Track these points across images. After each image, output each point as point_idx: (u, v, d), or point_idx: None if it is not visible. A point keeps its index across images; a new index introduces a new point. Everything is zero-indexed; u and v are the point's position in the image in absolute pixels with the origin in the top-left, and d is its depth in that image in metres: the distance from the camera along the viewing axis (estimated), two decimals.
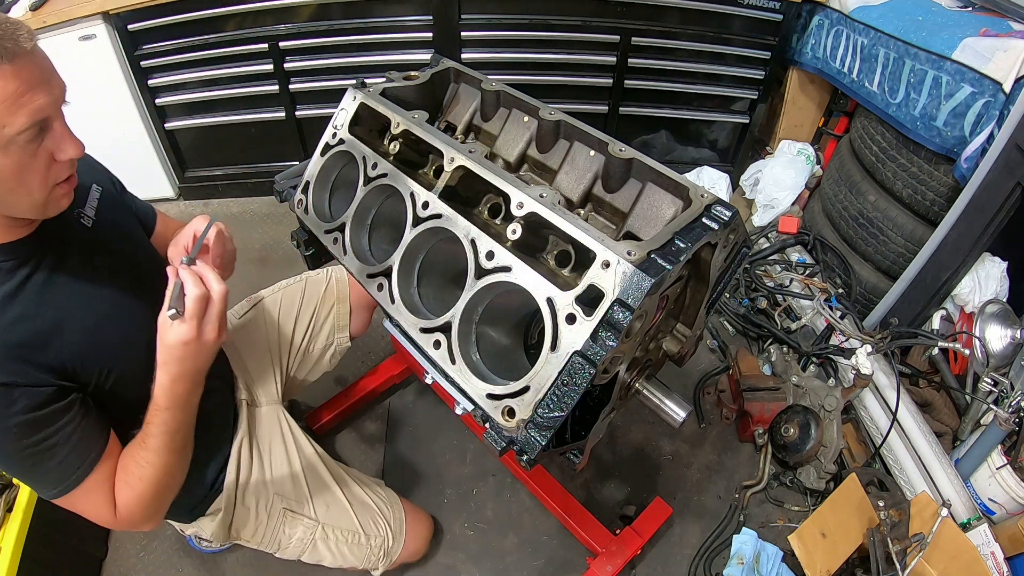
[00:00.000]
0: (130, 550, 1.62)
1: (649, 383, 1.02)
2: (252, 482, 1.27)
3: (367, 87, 1.17)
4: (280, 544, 1.29)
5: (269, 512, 1.27)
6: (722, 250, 0.91)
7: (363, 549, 1.35)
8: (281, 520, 1.28)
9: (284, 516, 1.28)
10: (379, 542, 1.37)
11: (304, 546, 1.30)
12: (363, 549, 1.35)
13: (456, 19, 2.25)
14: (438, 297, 1.03)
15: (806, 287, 2.08)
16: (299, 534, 1.29)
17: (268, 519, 1.27)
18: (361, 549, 1.34)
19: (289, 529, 1.28)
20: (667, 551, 1.66)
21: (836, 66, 2.23)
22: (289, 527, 1.28)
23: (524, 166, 1.14)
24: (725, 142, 2.75)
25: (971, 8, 1.89)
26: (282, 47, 2.30)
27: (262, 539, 1.28)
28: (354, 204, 1.08)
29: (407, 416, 1.93)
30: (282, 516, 1.28)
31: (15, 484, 1.35)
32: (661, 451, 1.87)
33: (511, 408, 0.82)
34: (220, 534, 1.23)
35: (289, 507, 1.29)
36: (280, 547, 1.30)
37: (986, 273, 1.77)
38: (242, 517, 1.25)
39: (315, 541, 1.30)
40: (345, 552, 1.33)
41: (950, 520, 1.42)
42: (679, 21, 2.33)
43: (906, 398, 1.72)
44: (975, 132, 1.66)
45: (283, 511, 1.28)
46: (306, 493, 1.31)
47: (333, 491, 1.34)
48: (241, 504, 1.24)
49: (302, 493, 1.31)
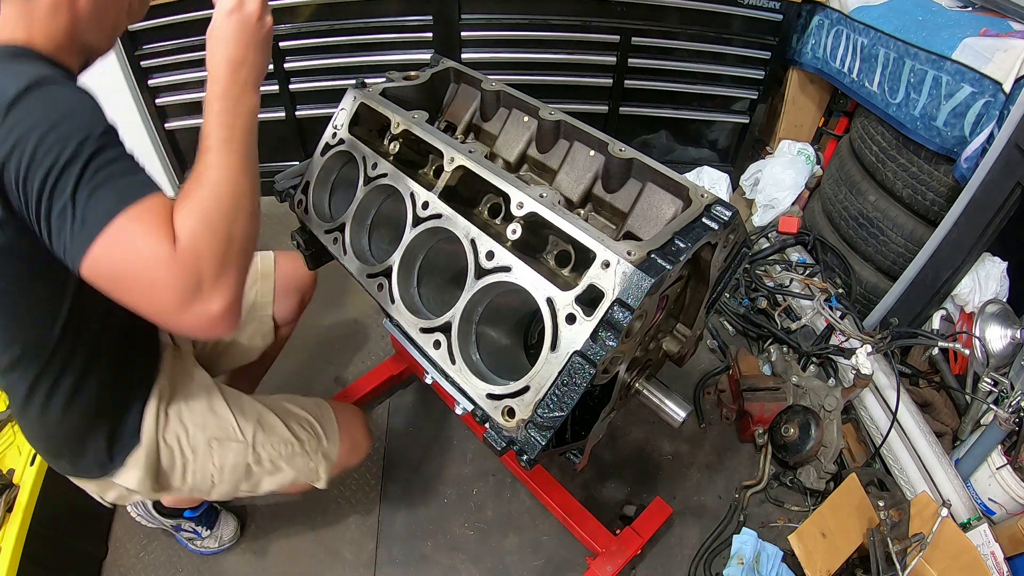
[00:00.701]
0: (130, 550, 1.62)
1: (649, 383, 1.02)
2: (171, 422, 1.15)
3: (367, 87, 1.17)
4: (213, 481, 1.19)
5: (194, 447, 1.16)
6: (722, 250, 0.91)
7: (300, 459, 1.26)
8: (208, 452, 1.17)
9: (211, 447, 1.18)
10: (314, 445, 1.28)
11: (238, 475, 1.20)
12: (300, 459, 1.26)
13: (456, 19, 2.25)
14: (438, 297, 1.03)
15: (806, 287, 2.08)
16: (231, 462, 1.19)
17: (194, 456, 1.16)
18: (298, 459, 1.25)
19: (219, 460, 1.18)
20: (667, 551, 1.66)
21: (836, 66, 2.23)
22: (218, 457, 1.18)
23: (524, 166, 1.14)
24: (725, 142, 2.75)
25: (971, 8, 1.88)
26: (282, 47, 2.30)
27: (193, 480, 1.17)
28: (354, 204, 1.08)
29: (407, 416, 1.93)
30: (208, 448, 1.17)
31: (15, 484, 1.35)
32: (661, 451, 1.87)
33: (511, 408, 0.82)
34: (147, 483, 1.11)
35: (215, 436, 1.18)
36: (214, 484, 1.19)
37: (986, 273, 1.77)
38: (167, 459, 1.14)
39: (249, 466, 1.21)
40: (283, 468, 1.24)
41: (950, 520, 1.42)
42: (679, 21, 2.33)
43: (906, 398, 1.72)
44: (975, 132, 1.66)
45: (209, 442, 1.18)
46: (231, 420, 1.21)
47: (257, 408, 1.25)
48: (164, 445, 1.13)
49: (226, 421, 1.20)
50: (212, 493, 1.21)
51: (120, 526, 1.64)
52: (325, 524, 1.68)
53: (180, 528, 1.58)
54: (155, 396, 1.13)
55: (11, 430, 1.42)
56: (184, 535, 1.59)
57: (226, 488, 1.21)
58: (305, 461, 1.27)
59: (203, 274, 0.69)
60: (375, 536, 1.66)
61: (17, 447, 1.39)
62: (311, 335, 2.14)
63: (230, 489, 1.21)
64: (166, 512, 1.56)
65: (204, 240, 0.70)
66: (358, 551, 1.63)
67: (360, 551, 1.63)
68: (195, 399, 1.19)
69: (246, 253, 0.76)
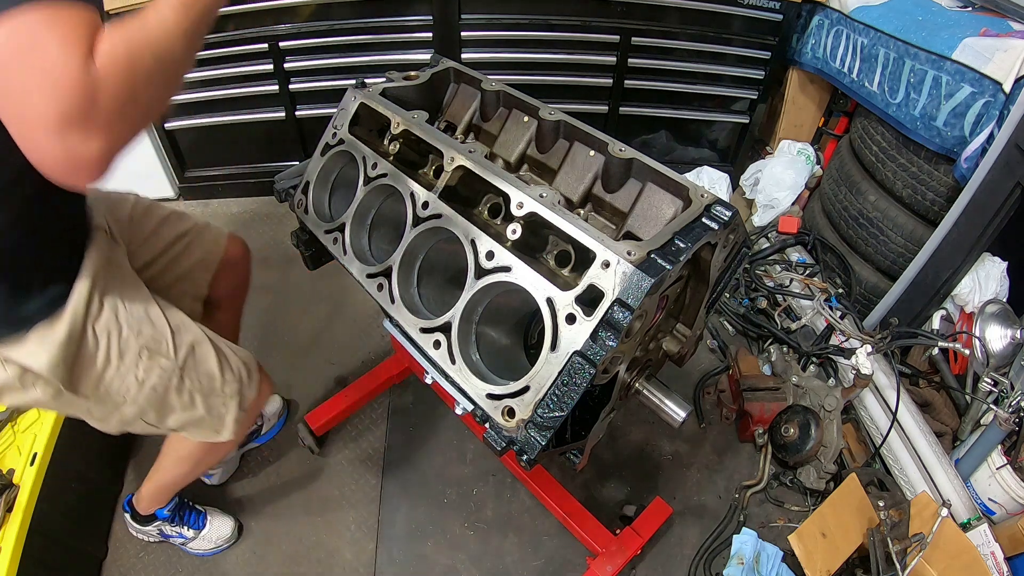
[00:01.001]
0: (130, 550, 1.62)
1: (649, 383, 1.02)
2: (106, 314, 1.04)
3: (367, 87, 1.17)
4: (126, 397, 1.08)
5: (123, 350, 1.06)
6: (722, 250, 0.91)
7: (216, 399, 1.18)
8: (136, 362, 1.07)
9: (140, 357, 1.07)
10: (234, 388, 1.20)
11: (154, 399, 1.11)
12: (216, 399, 1.18)
13: (456, 19, 2.25)
14: (438, 297, 1.03)
15: (806, 287, 2.08)
16: (153, 380, 1.09)
17: (120, 361, 1.06)
18: (215, 399, 1.18)
19: (143, 374, 1.08)
20: (667, 551, 1.66)
21: (836, 66, 2.23)
22: (144, 371, 1.08)
23: (524, 166, 1.15)
24: (725, 142, 2.75)
25: (971, 8, 1.89)
26: (282, 47, 2.29)
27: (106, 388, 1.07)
28: (354, 204, 1.08)
29: (407, 416, 1.93)
30: (137, 358, 1.07)
31: (15, 484, 1.35)
32: (661, 451, 1.87)
33: (511, 408, 0.82)
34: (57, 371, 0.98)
35: (147, 345, 1.08)
36: (124, 401, 1.09)
37: (986, 273, 1.77)
38: (90, 353, 1.03)
39: (168, 391, 1.11)
40: (197, 405, 1.16)
41: (950, 520, 1.42)
42: (679, 21, 2.33)
43: (906, 398, 1.72)
44: (975, 132, 1.66)
45: (140, 351, 1.07)
46: (167, 334, 1.11)
47: (194, 331, 1.16)
48: (92, 336, 1.03)
49: (161, 334, 1.10)
50: (113, 415, 1.10)
51: (120, 526, 1.64)
52: (325, 524, 1.68)
53: (165, 534, 1.57)
54: (88, 275, 1.02)
55: (11, 430, 1.42)
56: (175, 540, 1.59)
57: (131, 411, 1.11)
58: (220, 402, 1.19)
59: (99, 105, 0.61)
60: (375, 536, 1.66)
61: (17, 447, 1.39)
62: (311, 335, 2.15)
63: (135, 413, 1.11)
64: (142, 520, 1.55)
65: (118, 74, 0.62)
66: (358, 551, 1.63)
67: (360, 551, 1.63)
68: (133, 300, 1.09)
69: (146, 116, 0.70)
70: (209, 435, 1.23)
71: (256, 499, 1.73)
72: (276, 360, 2.06)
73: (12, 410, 1.44)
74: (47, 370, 0.97)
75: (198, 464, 1.39)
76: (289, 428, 1.87)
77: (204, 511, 1.62)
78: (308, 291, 2.29)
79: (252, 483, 1.77)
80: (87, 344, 1.02)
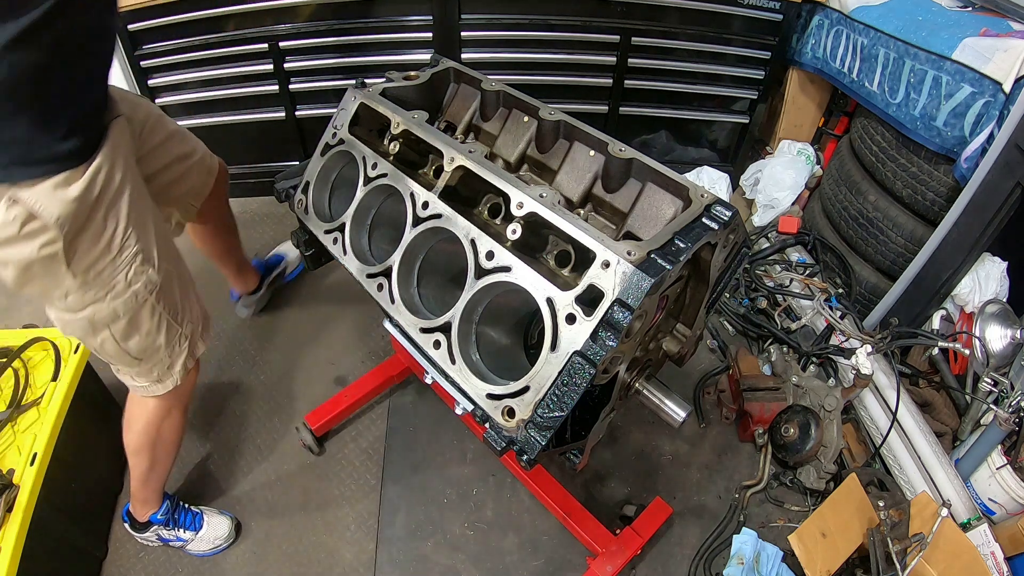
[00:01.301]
0: (130, 550, 1.62)
1: (649, 383, 1.02)
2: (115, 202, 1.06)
3: (367, 87, 1.17)
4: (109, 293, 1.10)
5: (122, 245, 1.08)
6: (722, 250, 0.91)
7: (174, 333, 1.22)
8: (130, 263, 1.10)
9: (135, 259, 1.10)
10: (190, 329, 1.26)
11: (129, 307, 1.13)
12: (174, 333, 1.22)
13: (456, 19, 2.25)
14: (438, 297, 1.03)
15: (806, 287, 2.08)
16: (136, 287, 1.11)
17: (118, 254, 1.08)
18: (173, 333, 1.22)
19: (132, 275, 1.11)
20: (667, 551, 1.66)
21: (836, 66, 2.23)
22: (134, 273, 1.11)
23: (524, 166, 1.15)
24: (725, 142, 2.75)
25: (971, 8, 1.89)
26: (282, 47, 2.29)
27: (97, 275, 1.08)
28: (354, 204, 1.08)
29: (407, 416, 1.93)
30: (133, 258, 1.10)
31: (15, 484, 1.35)
32: (661, 451, 1.87)
33: (511, 408, 0.82)
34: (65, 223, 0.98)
35: (143, 251, 1.11)
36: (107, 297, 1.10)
37: (986, 273, 1.77)
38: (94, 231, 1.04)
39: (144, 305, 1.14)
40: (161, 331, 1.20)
41: (950, 520, 1.42)
42: (679, 21, 2.33)
43: (906, 398, 1.72)
44: (975, 132, 1.66)
45: (137, 253, 1.10)
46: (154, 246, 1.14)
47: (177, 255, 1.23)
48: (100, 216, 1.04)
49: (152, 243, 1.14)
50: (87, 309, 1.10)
51: (120, 526, 1.64)
52: (325, 525, 1.68)
53: (164, 539, 1.58)
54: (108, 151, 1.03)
55: (11, 430, 1.42)
56: (174, 544, 1.60)
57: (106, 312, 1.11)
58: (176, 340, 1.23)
59: None
60: (375, 536, 1.66)
61: (17, 447, 1.39)
62: (311, 335, 2.15)
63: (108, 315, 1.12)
64: (139, 527, 1.57)
65: None
66: (358, 551, 1.63)
67: (360, 551, 1.63)
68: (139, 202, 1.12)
69: None
70: (156, 379, 1.27)
71: (256, 499, 1.73)
72: (276, 359, 2.07)
73: (12, 409, 1.44)
74: (53, 222, 0.97)
75: (153, 448, 1.42)
76: (289, 428, 1.87)
77: (200, 512, 1.62)
78: (308, 291, 2.30)
79: (252, 483, 1.77)
80: (94, 222, 1.03)
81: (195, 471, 1.79)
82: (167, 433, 1.41)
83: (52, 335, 1.57)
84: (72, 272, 1.04)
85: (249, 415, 1.92)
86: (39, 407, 1.45)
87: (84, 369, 1.56)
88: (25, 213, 0.95)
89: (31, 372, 1.52)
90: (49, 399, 1.45)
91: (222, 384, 2.00)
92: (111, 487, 1.73)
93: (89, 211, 1.01)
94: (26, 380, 1.50)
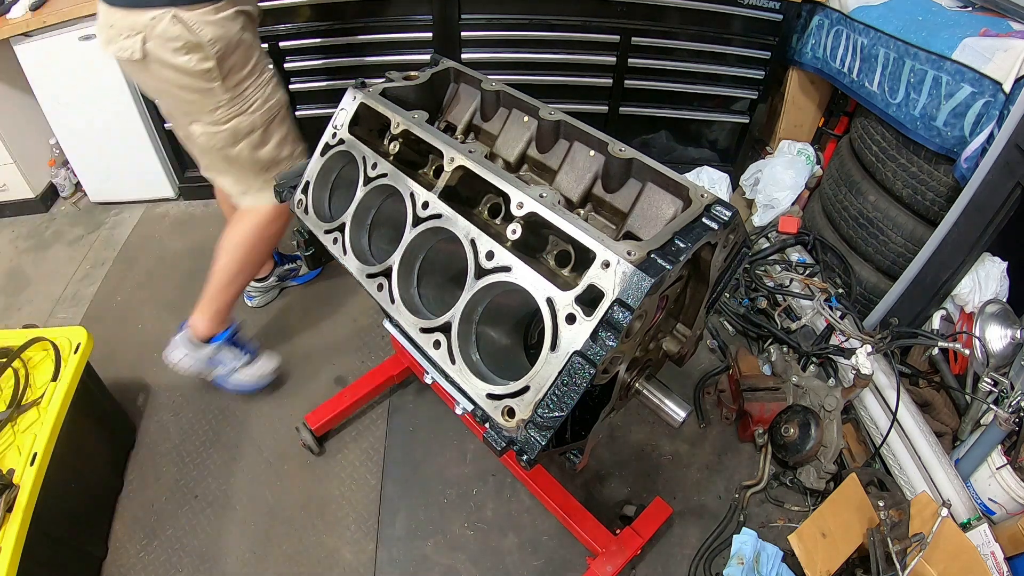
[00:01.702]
0: (130, 550, 1.62)
1: (649, 383, 1.02)
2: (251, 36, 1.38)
3: (367, 87, 1.17)
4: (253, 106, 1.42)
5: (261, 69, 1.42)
6: (722, 250, 0.91)
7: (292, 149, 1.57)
8: (267, 84, 1.43)
9: (271, 81, 1.44)
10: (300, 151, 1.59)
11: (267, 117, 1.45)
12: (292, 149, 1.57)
13: (456, 19, 2.25)
14: (438, 297, 1.03)
15: (806, 287, 2.08)
16: (272, 103, 1.45)
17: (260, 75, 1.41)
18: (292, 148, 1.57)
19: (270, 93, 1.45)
20: (667, 551, 1.66)
21: (836, 66, 2.23)
22: (271, 92, 1.44)
23: (524, 166, 1.14)
24: (725, 142, 2.75)
25: (971, 8, 1.88)
26: (282, 47, 2.30)
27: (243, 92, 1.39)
28: (354, 204, 1.08)
29: (407, 416, 1.93)
30: (269, 80, 1.44)
31: (15, 484, 1.35)
32: (661, 451, 1.87)
33: (511, 408, 0.82)
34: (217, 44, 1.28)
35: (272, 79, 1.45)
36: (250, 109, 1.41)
37: (986, 273, 1.77)
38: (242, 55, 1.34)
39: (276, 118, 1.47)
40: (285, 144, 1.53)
41: (950, 520, 1.42)
42: (679, 21, 2.33)
43: (906, 398, 1.72)
44: (975, 132, 1.66)
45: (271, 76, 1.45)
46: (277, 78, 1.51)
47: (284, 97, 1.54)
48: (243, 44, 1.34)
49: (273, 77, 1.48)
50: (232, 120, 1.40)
51: (120, 526, 1.64)
52: (325, 525, 1.68)
53: (216, 360, 1.70)
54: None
55: (11, 430, 1.42)
56: (221, 369, 1.71)
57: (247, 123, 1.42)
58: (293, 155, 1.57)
59: None
60: (375, 536, 1.66)
61: (17, 447, 1.39)
62: (311, 335, 2.15)
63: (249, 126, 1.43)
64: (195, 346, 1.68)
65: None
66: (358, 551, 1.63)
67: (360, 551, 1.63)
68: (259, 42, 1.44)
69: None
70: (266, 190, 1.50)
71: (256, 499, 1.74)
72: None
73: (12, 409, 1.44)
74: (207, 41, 1.27)
75: (250, 251, 1.61)
76: (289, 428, 1.87)
77: (255, 348, 1.78)
78: (309, 291, 2.30)
79: (252, 483, 1.77)
80: (239, 48, 1.33)
81: (195, 470, 1.79)
82: (269, 237, 1.63)
83: (52, 335, 1.57)
84: (225, 88, 1.34)
85: (249, 415, 1.92)
86: (39, 407, 1.45)
87: (84, 369, 1.56)
88: (186, 31, 1.25)
89: (31, 372, 1.52)
90: (49, 399, 1.45)
91: None
92: (111, 487, 1.73)
93: (234, 39, 1.30)
94: (26, 380, 1.50)
